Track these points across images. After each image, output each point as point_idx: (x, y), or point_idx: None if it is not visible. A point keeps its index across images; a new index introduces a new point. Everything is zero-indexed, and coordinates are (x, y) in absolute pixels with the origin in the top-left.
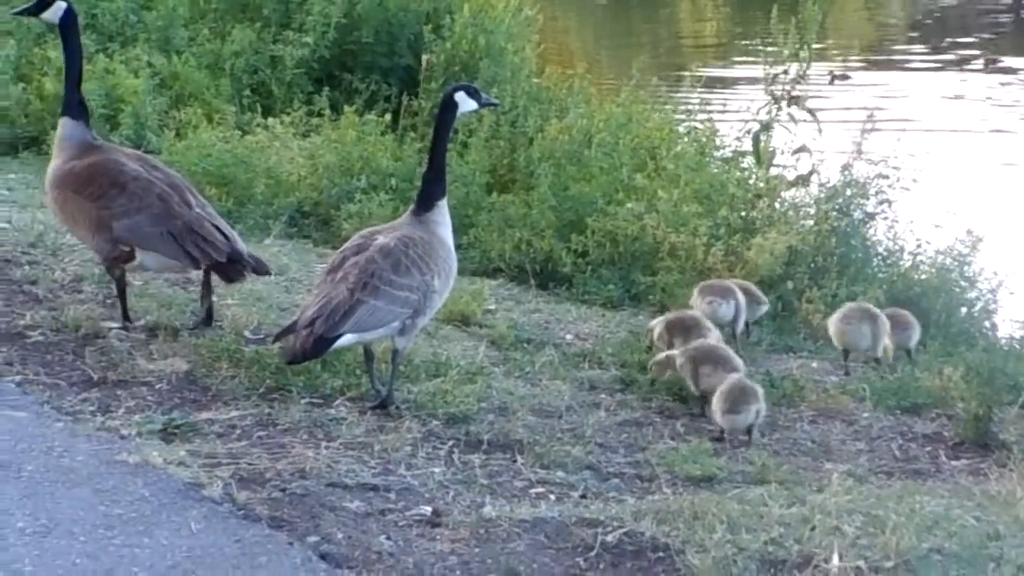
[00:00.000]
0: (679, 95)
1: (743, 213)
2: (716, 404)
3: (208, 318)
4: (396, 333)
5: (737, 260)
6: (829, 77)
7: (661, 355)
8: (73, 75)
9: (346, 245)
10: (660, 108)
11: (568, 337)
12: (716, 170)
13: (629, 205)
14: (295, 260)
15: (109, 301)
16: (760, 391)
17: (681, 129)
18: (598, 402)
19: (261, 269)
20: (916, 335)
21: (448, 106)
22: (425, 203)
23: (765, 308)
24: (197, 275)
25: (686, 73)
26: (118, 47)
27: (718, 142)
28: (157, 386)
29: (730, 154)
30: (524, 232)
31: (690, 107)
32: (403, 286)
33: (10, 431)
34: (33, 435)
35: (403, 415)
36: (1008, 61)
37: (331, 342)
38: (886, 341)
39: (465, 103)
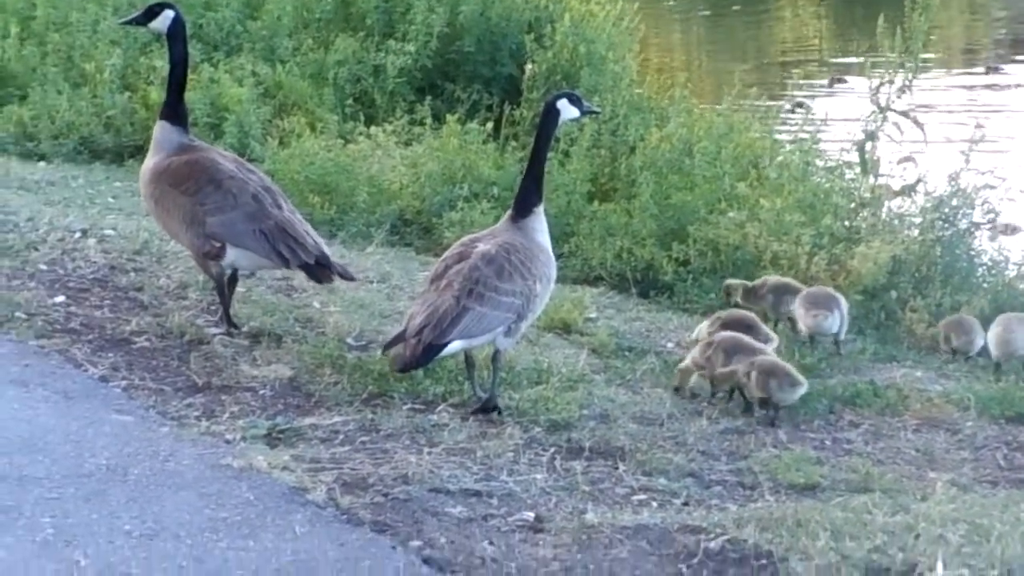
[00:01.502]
0: (782, 103)
1: (847, 222)
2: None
3: (228, 323)
4: (501, 336)
5: (840, 269)
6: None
7: (684, 362)
8: (176, 82)
9: (447, 253)
10: (762, 117)
11: (669, 345)
12: (819, 179)
13: (731, 214)
14: (397, 268)
15: (213, 307)
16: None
17: (784, 138)
18: (699, 410)
19: (347, 275)
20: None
21: (551, 113)
22: (523, 209)
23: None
24: (300, 283)
25: (790, 82)
26: (223, 56)
27: (822, 151)
28: (261, 392)
29: (835, 164)
30: (625, 240)
31: (793, 118)
32: (507, 291)
33: (117, 435)
34: (139, 439)
35: (505, 421)
36: None
37: (440, 349)
38: None
39: (567, 110)
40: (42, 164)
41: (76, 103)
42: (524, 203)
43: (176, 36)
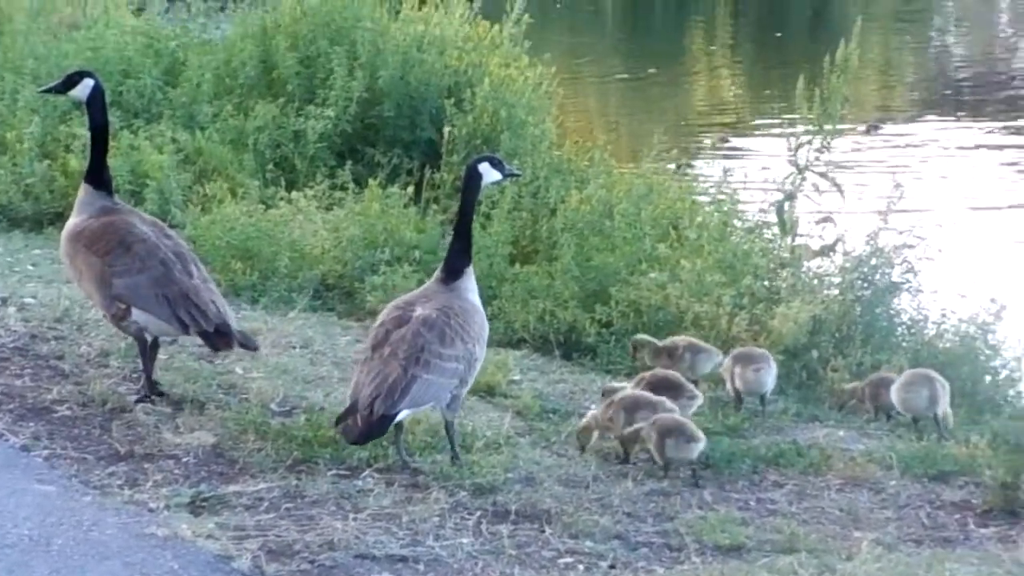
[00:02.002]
0: (700, 166)
1: (767, 282)
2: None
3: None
4: (445, 405)
5: (761, 329)
6: (866, 128)
7: (584, 420)
8: (99, 147)
9: (383, 316)
10: (681, 179)
11: (593, 407)
12: (738, 239)
13: (652, 275)
14: (320, 333)
15: (135, 375)
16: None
17: (703, 199)
18: (625, 472)
19: (248, 344)
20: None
21: (473, 176)
22: (454, 272)
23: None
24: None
25: (707, 142)
26: (143, 123)
27: (741, 212)
28: (184, 459)
29: (753, 224)
30: (547, 303)
31: (710, 179)
32: (450, 357)
33: (39, 505)
34: (62, 509)
35: (430, 486)
36: None
37: (392, 419)
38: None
39: (489, 174)
40: None
41: None
42: (454, 264)
43: (95, 104)
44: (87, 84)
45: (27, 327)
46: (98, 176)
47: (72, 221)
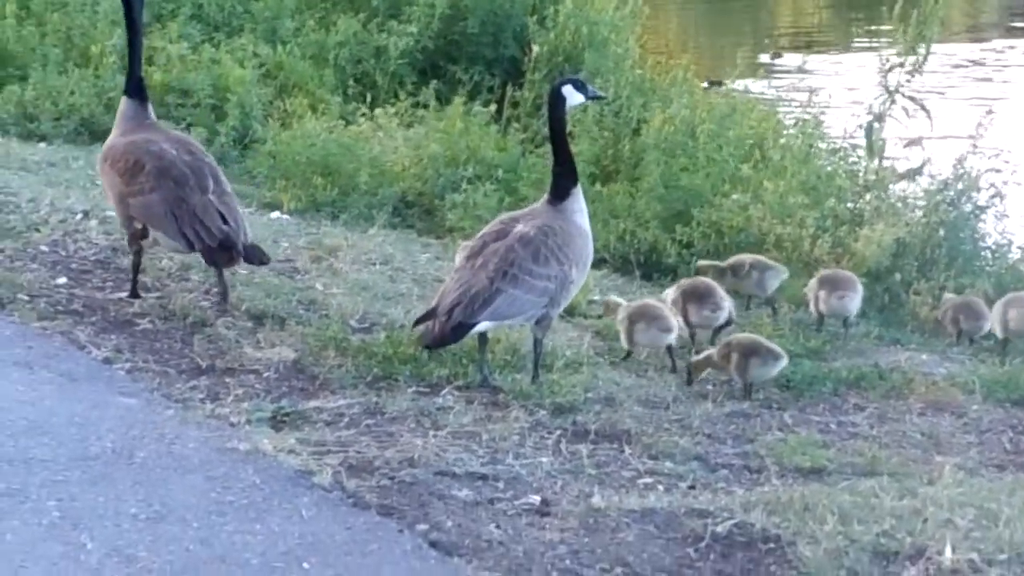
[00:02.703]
0: (784, 83)
1: (851, 204)
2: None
3: (223, 298)
4: (533, 323)
5: (844, 252)
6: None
7: (700, 355)
8: (134, 55)
9: (485, 229)
10: (764, 99)
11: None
12: (823, 161)
13: (735, 196)
14: (399, 249)
15: (216, 290)
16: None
17: (787, 120)
18: (705, 393)
19: (254, 258)
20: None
21: (557, 99)
22: (560, 193)
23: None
24: (303, 264)
25: (791, 62)
26: (224, 37)
27: (825, 133)
28: (265, 374)
29: (838, 146)
30: (628, 223)
31: (795, 98)
32: (542, 275)
33: (122, 418)
34: (144, 422)
35: (509, 405)
36: None
37: (469, 328)
38: None
39: (572, 96)
40: (43, 145)
41: (77, 84)
42: (561, 187)
43: (131, 4)
44: None
45: (108, 240)
46: (131, 85)
47: (109, 139)
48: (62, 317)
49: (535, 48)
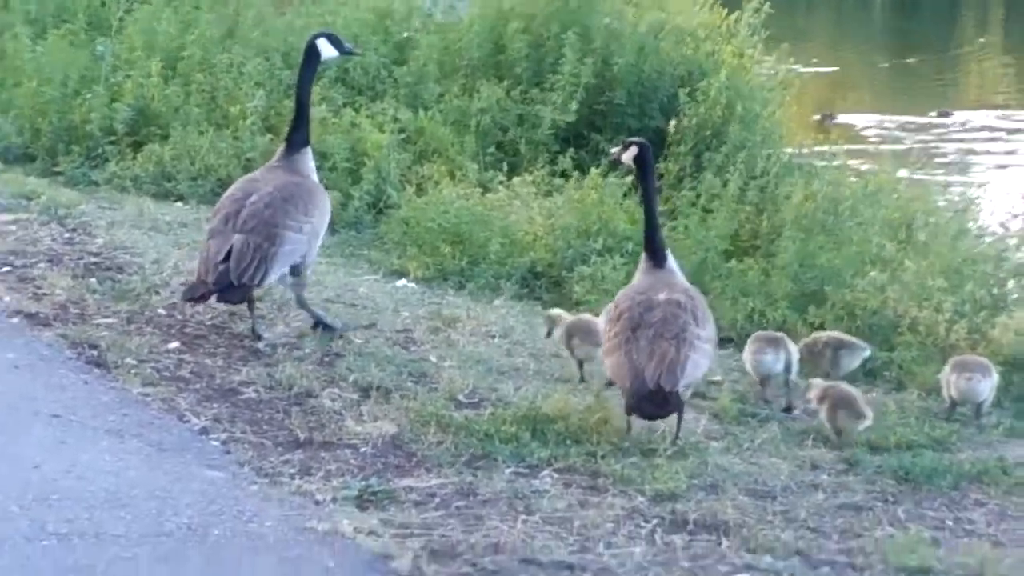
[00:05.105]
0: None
1: (994, 290)
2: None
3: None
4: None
5: (981, 338)
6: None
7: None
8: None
9: (627, 304)
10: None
11: (795, 412)
12: (970, 244)
13: (872, 274)
14: (521, 322)
15: (327, 359)
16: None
17: (941, 201)
18: (817, 483)
19: (230, 297)
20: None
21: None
22: (660, 258)
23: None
24: (419, 335)
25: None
26: (367, 101)
27: (980, 216)
28: (362, 449)
29: (990, 231)
30: (758, 301)
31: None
32: (707, 338)
33: (203, 492)
34: (226, 497)
35: (608, 489)
36: None
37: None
38: None
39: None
40: (178, 204)
41: (216, 144)
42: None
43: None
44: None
45: (226, 304)
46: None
47: None
48: (165, 384)
49: (683, 120)
